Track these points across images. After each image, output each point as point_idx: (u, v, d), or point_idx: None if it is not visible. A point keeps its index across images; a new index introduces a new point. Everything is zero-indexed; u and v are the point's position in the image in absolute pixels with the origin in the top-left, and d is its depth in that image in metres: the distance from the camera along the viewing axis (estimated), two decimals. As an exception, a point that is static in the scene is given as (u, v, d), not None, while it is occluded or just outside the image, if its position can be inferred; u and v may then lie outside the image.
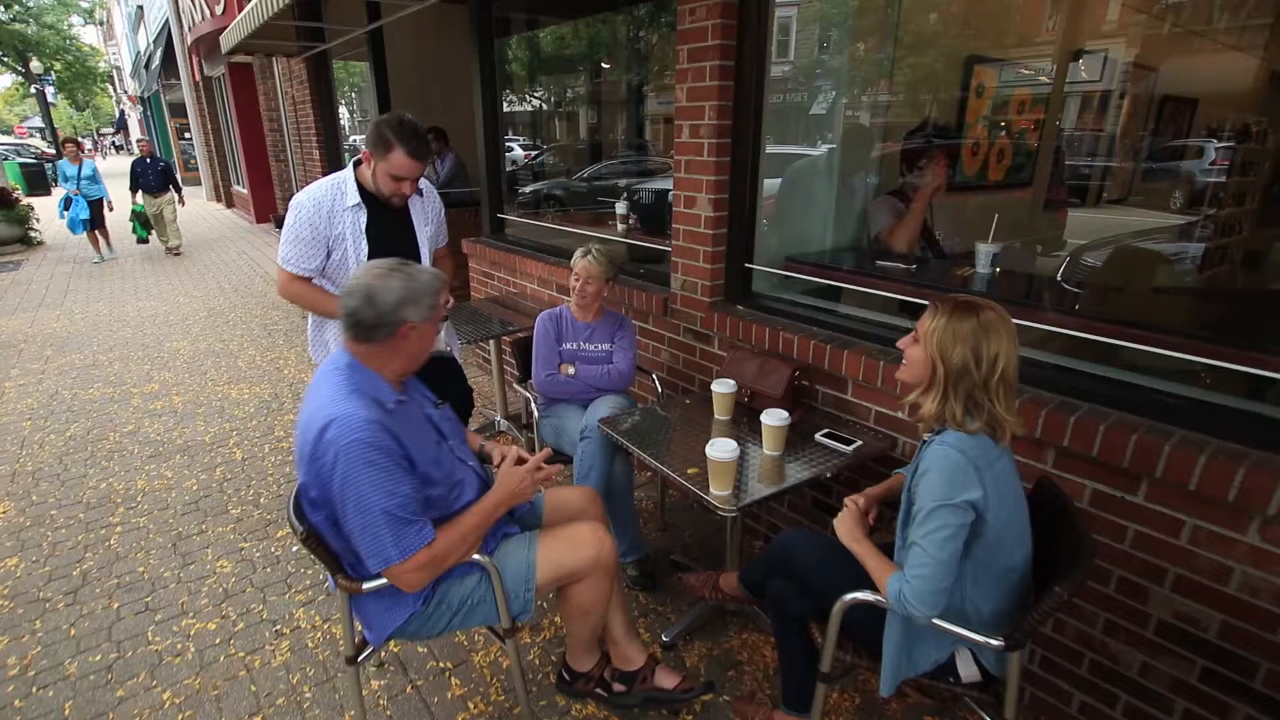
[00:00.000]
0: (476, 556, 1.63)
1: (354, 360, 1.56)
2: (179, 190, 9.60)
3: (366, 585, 1.54)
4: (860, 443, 2.10)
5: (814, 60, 3.28)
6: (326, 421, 1.43)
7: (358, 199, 2.16)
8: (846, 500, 1.69)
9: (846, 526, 1.60)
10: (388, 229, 2.25)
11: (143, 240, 9.96)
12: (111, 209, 9.41)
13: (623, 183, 4.80)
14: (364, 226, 2.18)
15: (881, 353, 2.19)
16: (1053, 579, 1.37)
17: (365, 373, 1.56)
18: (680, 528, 2.92)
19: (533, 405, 2.70)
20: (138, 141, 10.08)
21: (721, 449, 1.76)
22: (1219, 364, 1.66)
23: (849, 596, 1.49)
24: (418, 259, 2.32)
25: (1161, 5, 2.86)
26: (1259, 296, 2.38)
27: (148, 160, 9.30)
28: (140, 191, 9.33)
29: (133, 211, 9.56)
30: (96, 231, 9.29)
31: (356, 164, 2.21)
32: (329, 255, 2.19)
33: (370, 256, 2.16)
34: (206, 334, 5.96)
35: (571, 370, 2.62)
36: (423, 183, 2.35)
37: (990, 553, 1.40)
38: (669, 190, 2.80)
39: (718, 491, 1.81)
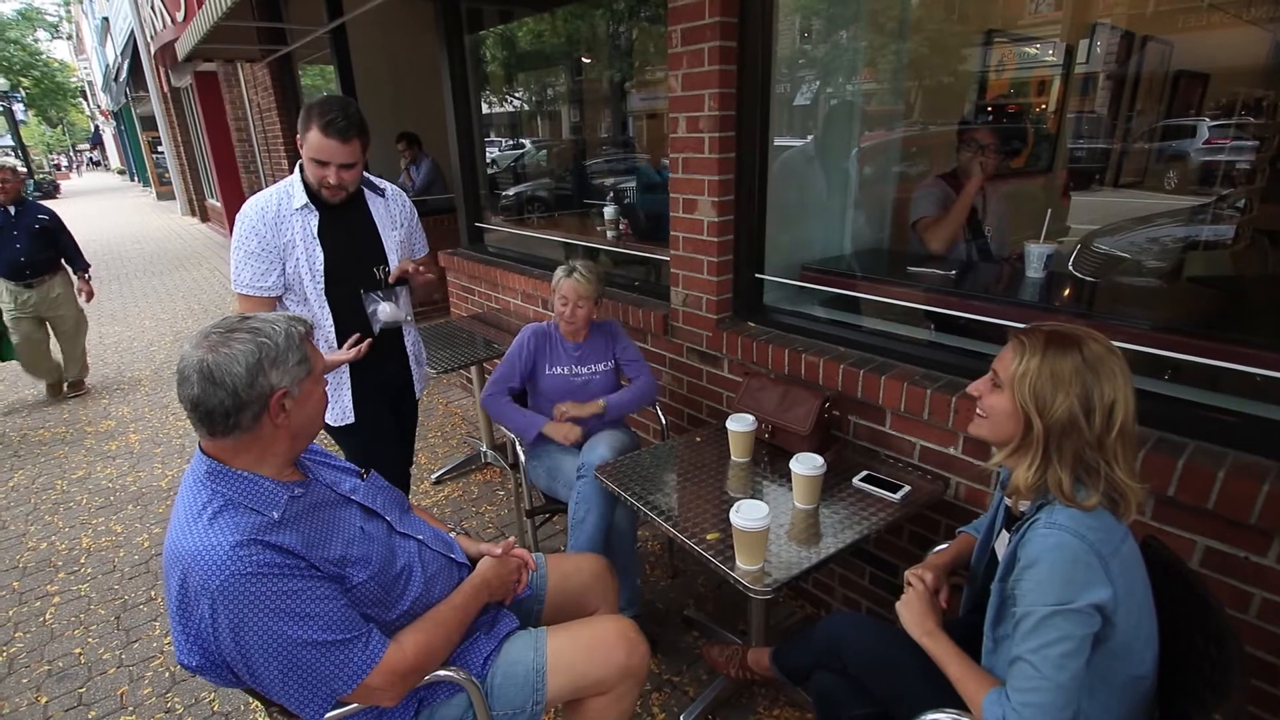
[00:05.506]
0: (449, 673, 1.29)
1: (215, 465, 1.14)
2: (83, 269, 4.55)
3: (308, 723, 1.20)
4: (908, 488, 1.76)
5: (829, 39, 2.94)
6: (184, 570, 1.06)
7: (305, 199, 1.92)
8: (909, 576, 1.35)
9: (915, 615, 1.27)
10: (345, 232, 2.00)
11: None
12: None
13: (609, 182, 4.44)
14: (315, 230, 1.93)
15: (927, 378, 1.85)
16: (1172, 671, 1.04)
17: (234, 478, 1.13)
18: (692, 574, 2.59)
19: (518, 446, 2.34)
20: None
21: (749, 515, 1.43)
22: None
23: (930, 718, 1.16)
24: (384, 265, 2.06)
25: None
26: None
27: (10, 212, 4.13)
28: None
29: None
30: None
31: (302, 167, 1.96)
32: (284, 269, 1.94)
33: (327, 264, 1.94)
34: (171, 360, 5.57)
35: (586, 411, 2.25)
36: (385, 183, 2.14)
37: (1114, 661, 1.07)
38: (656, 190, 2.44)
39: (745, 566, 1.48)
